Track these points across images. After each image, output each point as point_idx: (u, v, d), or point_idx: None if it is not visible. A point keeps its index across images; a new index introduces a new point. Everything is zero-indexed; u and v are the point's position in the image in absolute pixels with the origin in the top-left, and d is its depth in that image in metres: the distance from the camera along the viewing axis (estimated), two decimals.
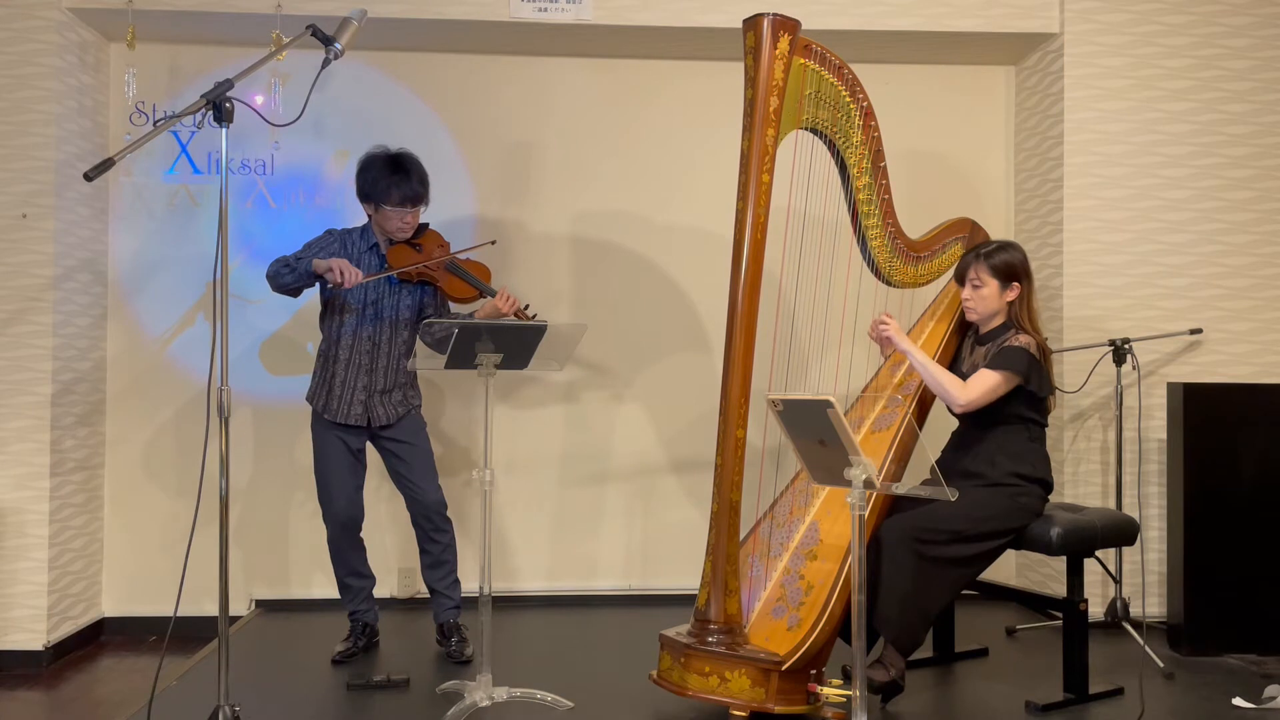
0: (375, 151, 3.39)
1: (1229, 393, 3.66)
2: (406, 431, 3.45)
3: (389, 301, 3.41)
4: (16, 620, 3.67)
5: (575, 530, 4.29)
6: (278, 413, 4.16)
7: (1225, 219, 3.98)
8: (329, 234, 3.45)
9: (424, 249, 3.42)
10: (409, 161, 3.36)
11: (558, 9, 3.91)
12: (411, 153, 3.41)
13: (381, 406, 3.40)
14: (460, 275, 3.42)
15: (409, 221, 3.37)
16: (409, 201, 3.33)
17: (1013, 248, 3.16)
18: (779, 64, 2.87)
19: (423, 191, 3.37)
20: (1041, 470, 3.08)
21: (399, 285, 3.42)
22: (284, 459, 4.18)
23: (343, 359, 3.38)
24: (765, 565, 3.05)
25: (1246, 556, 3.55)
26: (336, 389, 3.38)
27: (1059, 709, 2.98)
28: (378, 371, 3.39)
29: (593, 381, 4.29)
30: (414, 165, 3.37)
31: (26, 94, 3.70)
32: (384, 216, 3.36)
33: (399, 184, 3.30)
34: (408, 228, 3.38)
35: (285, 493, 4.18)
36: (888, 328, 3.14)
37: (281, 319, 4.17)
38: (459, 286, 3.42)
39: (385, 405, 3.40)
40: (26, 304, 3.69)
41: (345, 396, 3.37)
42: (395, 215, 3.33)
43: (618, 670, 3.32)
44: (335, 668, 3.37)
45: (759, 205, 2.87)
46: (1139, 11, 3.98)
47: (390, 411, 3.41)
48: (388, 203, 3.32)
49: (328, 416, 3.39)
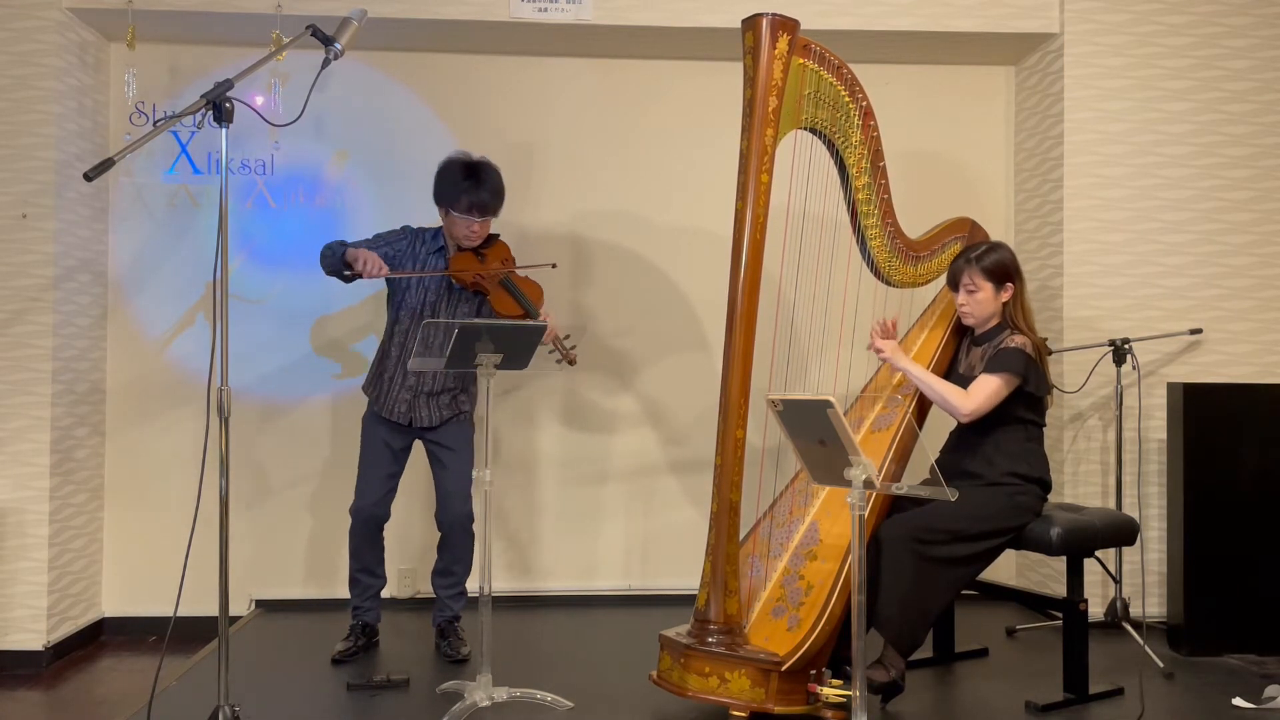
0: (455, 156, 3.42)
1: (1229, 393, 3.65)
2: (450, 436, 3.45)
3: (446, 307, 3.44)
4: (16, 620, 3.67)
5: (575, 530, 4.29)
6: (279, 412, 4.17)
7: (1225, 219, 3.98)
8: (404, 229, 3.51)
9: (486, 259, 3.43)
10: (484, 170, 3.38)
11: (558, 9, 3.91)
12: (491, 163, 3.42)
13: (426, 408, 3.42)
14: (511, 291, 3.42)
15: (475, 230, 3.38)
16: (476, 210, 3.34)
17: (1001, 248, 3.16)
18: (778, 64, 2.87)
19: (492, 202, 3.38)
20: (1039, 470, 3.08)
21: (459, 292, 3.44)
22: (285, 458, 4.18)
23: (394, 356, 3.43)
24: (765, 565, 3.05)
25: (1246, 557, 3.55)
26: (385, 384, 3.43)
27: (1059, 709, 2.98)
28: (426, 374, 3.40)
29: (593, 381, 4.29)
30: (489, 175, 3.38)
31: (26, 94, 3.70)
32: (452, 222, 3.39)
33: (469, 191, 3.33)
34: (474, 236, 3.39)
35: (286, 492, 4.18)
36: (884, 350, 3.13)
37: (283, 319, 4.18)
38: (507, 303, 3.42)
39: (431, 407, 3.43)
40: (26, 304, 3.69)
41: (393, 393, 3.42)
42: (462, 222, 3.36)
43: (618, 670, 3.32)
44: (335, 668, 3.37)
45: (758, 205, 2.87)
46: (1139, 11, 3.97)
47: (435, 414, 3.43)
48: (456, 209, 3.35)
49: (376, 409, 3.44)
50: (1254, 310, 3.98)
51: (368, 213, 4.20)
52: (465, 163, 3.38)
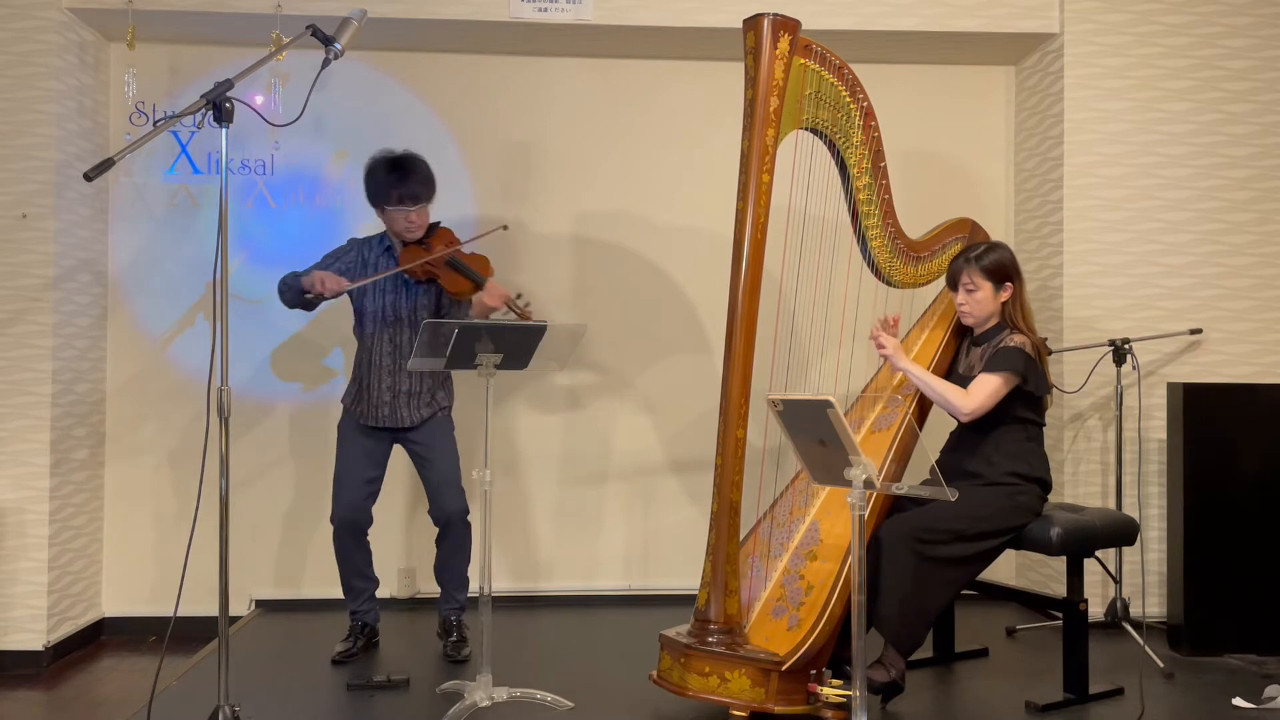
0: (377, 155, 3.43)
1: (1229, 393, 3.65)
2: (431, 434, 3.46)
3: (405, 303, 3.44)
4: (16, 620, 3.67)
5: (575, 530, 4.29)
6: (279, 411, 4.17)
7: (1225, 219, 3.98)
8: (349, 243, 3.53)
9: (432, 247, 3.43)
10: (408, 161, 3.39)
11: (558, 9, 3.91)
12: (415, 153, 3.43)
13: (407, 408, 3.43)
14: (457, 269, 3.42)
15: (414, 221, 3.39)
16: (408, 200, 3.35)
17: (1000, 247, 3.16)
18: (779, 64, 2.87)
19: (422, 190, 3.38)
20: (1039, 469, 3.08)
21: (413, 285, 3.44)
22: (285, 458, 4.18)
23: (367, 363, 3.44)
24: (765, 565, 3.05)
25: (1246, 556, 3.55)
26: (364, 392, 3.44)
27: (1059, 709, 2.98)
28: (401, 373, 3.41)
29: (593, 381, 4.29)
30: (414, 165, 3.39)
31: (27, 94, 3.70)
32: (389, 218, 3.41)
33: (396, 184, 3.34)
34: (414, 227, 3.40)
35: (286, 492, 4.18)
36: (885, 349, 3.12)
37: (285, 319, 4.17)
38: (457, 281, 3.42)
39: (411, 407, 3.43)
40: (26, 304, 3.69)
41: (373, 399, 3.42)
42: (399, 215, 3.37)
43: (618, 670, 3.32)
44: (335, 668, 3.37)
45: (759, 205, 2.87)
46: (1139, 11, 3.97)
47: (416, 414, 3.44)
48: (388, 203, 3.37)
49: (358, 419, 3.44)
50: (1254, 310, 3.98)
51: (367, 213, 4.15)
52: (389, 159, 3.39)
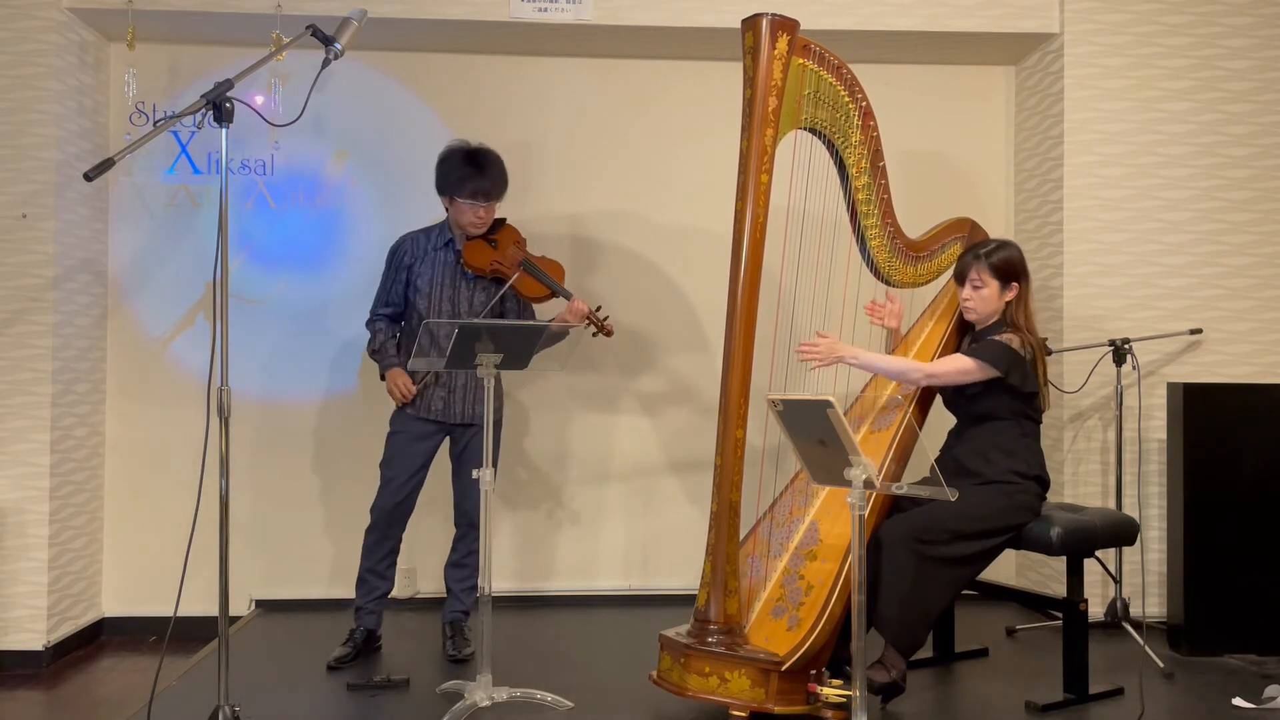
0: (454, 144, 3.43)
1: (1229, 393, 3.65)
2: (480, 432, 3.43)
3: (464, 297, 3.43)
4: (16, 620, 3.67)
5: (575, 530, 4.29)
6: (279, 411, 4.17)
7: (1225, 219, 3.98)
8: (392, 256, 3.48)
9: (499, 245, 3.43)
10: (486, 156, 3.39)
11: (558, 9, 3.91)
12: (492, 150, 3.43)
13: (461, 403, 3.43)
14: (534, 274, 3.42)
15: (481, 216, 3.38)
16: (481, 195, 3.35)
17: (1011, 246, 3.16)
18: (778, 64, 2.87)
19: (496, 187, 3.39)
20: (1036, 467, 3.08)
21: (474, 280, 3.44)
22: (285, 458, 4.18)
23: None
24: (765, 565, 3.05)
25: (1246, 556, 3.55)
26: (418, 384, 3.42)
27: (1059, 709, 2.98)
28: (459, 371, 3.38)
29: (593, 381, 4.29)
30: (491, 161, 3.39)
31: (27, 94, 3.70)
32: (458, 210, 3.39)
33: (472, 177, 3.34)
34: (480, 222, 3.39)
35: (286, 493, 4.18)
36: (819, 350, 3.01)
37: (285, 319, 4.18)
38: (533, 286, 3.42)
39: (466, 402, 3.43)
40: (26, 304, 3.69)
41: (426, 392, 3.42)
42: (468, 209, 3.36)
43: (618, 670, 3.32)
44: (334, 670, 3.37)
45: (758, 205, 2.87)
46: (1139, 11, 3.97)
47: (468, 410, 3.43)
48: (460, 196, 3.35)
49: (409, 410, 3.43)
50: (1254, 310, 3.97)
51: (367, 213, 4.21)
52: (466, 150, 3.39)
